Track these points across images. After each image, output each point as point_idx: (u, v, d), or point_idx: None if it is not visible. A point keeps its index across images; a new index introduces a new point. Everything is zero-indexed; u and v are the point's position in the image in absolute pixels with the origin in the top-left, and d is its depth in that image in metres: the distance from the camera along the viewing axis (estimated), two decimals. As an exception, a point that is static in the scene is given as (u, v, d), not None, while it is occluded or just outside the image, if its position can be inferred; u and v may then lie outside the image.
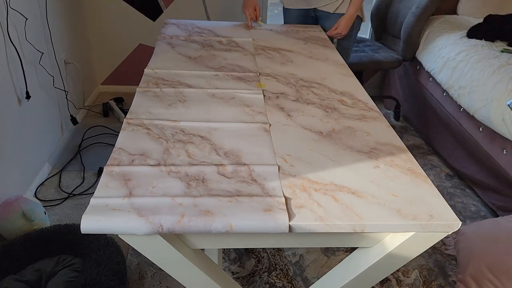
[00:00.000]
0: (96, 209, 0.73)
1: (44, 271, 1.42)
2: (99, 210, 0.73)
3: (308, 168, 0.89)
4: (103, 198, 0.76)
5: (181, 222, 0.72)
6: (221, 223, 0.72)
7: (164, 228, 0.72)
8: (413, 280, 1.65)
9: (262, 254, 1.72)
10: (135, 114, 1.05)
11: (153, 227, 0.72)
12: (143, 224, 0.71)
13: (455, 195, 2.17)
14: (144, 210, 0.74)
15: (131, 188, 0.79)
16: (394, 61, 2.54)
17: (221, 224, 0.72)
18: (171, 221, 0.72)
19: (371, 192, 0.82)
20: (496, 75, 1.94)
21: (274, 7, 4.71)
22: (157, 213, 0.73)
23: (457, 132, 2.23)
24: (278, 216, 0.74)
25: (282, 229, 0.73)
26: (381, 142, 1.00)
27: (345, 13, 1.89)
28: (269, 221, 0.73)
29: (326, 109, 1.15)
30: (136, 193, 0.78)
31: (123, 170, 0.84)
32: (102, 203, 0.75)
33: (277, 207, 0.76)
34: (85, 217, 0.71)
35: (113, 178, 0.81)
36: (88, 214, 0.72)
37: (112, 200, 0.76)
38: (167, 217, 0.72)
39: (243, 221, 0.73)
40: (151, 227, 0.71)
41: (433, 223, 0.76)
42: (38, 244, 1.52)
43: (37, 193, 2.00)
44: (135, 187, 0.79)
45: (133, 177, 0.82)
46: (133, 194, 0.77)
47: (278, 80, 1.32)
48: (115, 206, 0.74)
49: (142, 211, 0.73)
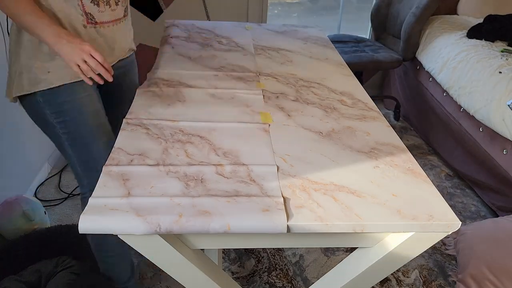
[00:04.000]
0: (94, 209, 0.73)
1: (44, 272, 1.42)
2: (97, 209, 0.73)
3: (308, 168, 0.89)
4: (101, 198, 0.76)
5: (179, 222, 0.72)
6: (219, 223, 0.72)
7: (162, 228, 0.72)
8: (413, 280, 1.65)
9: (262, 254, 1.72)
10: (135, 114, 1.05)
11: (151, 227, 0.71)
12: (141, 224, 0.71)
13: (455, 195, 2.17)
14: (142, 210, 0.73)
15: (129, 188, 0.79)
16: (394, 61, 2.54)
17: (219, 224, 0.72)
18: (169, 221, 0.72)
19: (371, 192, 0.82)
20: (496, 75, 1.94)
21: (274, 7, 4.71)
22: (155, 213, 0.73)
23: (457, 132, 2.23)
24: (276, 216, 0.74)
25: (280, 229, 0.73)
26: (381, 142, 1.00)
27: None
28: (267, 221, 0.73)
29: (326, 109, 1.15)
30: (134, 193, 0.78)
31: (122, 170, 0.84)
32: (100, 203, 0.75)
33: (275, 207, 0.76)
34: (83, 217, 0.71)
35: (112, 178, 0.81)
36: (86, 214, 0.72)
37: (111, 200, 0.76)
38: (165, 217, 0.72)
39: (241, 222, 0.73)
40: (149, 227, 0.71)
41: (433, 223, 0.76)
42: (39, 244, 1.53)
43: (37, 193, 2.00)
44: (134, 187, 0.79)
45: (131, 177, 0.82)
46: (132, 194, 0.77)
47: (277, 80, 1.32)
48: (113, 206, 0.74)
49: (140, 211, 0.73)
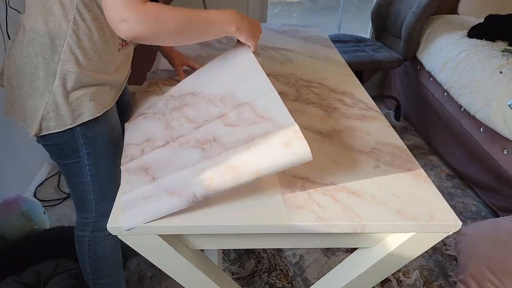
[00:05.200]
0: (129, 204, 0.73)
1: (43, 274, 1.42)
2: (131, 204, 0.73)
3: (308, 168, 0.88)
4: (130, 192, 0.76)
5: (211, 186, 0.70)
6: (247, 173, 0.70)
7: (198, 197, 0.70)
8: (413, 281, 1.64)
9: (262, 254, 1.72)
10: (135, 116, 1.05)
11: (188, 200, 0.70)
12: (177, 201, 0.71)
13: (455, 195, 2.17)
14: (173, 187, 0.72)
15: (152, 174, 0.78)
16: (395, 60, 2.53)
17: (248, 174, 0.70)
18: (202, 188, 0.70)
19: (371, 192, 0.82)
20: (497, 75, 1.94)
21: (274, 7, 4.70)
22: (186, 186, 0.71)
23: (457, 132, 2.22)
24: (299, 148, 0.71)
25: (306, 158, 0.71)
26: (381, 142, 1.00)
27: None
28: (292, 155, 0.70)
29: (326, 109, 1.15)
30: (159, 175, 0.77)
31: (138, 162, 0.83)
32: (131, 196, 0.74)
33: (294, 137, 0.72)
34: (122, 215, 0.71)
35: (133, 173, 0.81)
36: (125, 211, 0.71)
37: (140, 190, 0.75)
38: (197, 186, 0.71)
39: (268, 164, 0.71)
40: (186, 201, 0.70)
41: (434, 223, 0.75)
42: (40, 245, 1.52)
43: (36, 193, 2.00)
44: (156, 171, 0.78)
45: (150, 164, 0.81)
46: (156, 178, 0.77)
47: (278, 80, 1.31)
48: (145, 194, 0.74)
49: (172, 189, 0.72)
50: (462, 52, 2.23)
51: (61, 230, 1.60)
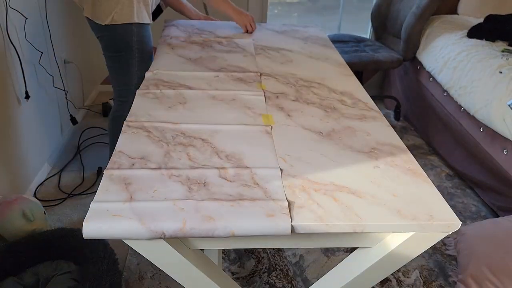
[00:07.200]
0: (97, 214, 0.73)
1: (42, 276, 1.42)
2: (100, 215, 0.72)
3: (308, 168, 0.88)
4: (103, 202, 0.75)
5: (183, 229, 0.71)
6: (223, 230, 0.72)
7: (166, 235, 0.71)
8: (413, 281, 1.64)
9: (262, 254, 1.72)
10: (135, 117, 1.05)
11: (155, 235, 0.71)
12: (145, 231, 0.71)
13: (455, 195, 2.17)
14: (146, 216, 0.73)
15: (131, 192, 0.78)
16: (395, 61, 2.54)
17: (223, 230, 0.72)
18: (173, 228, 0.71)
19: (371, 192, 0.82)
20: (497, 75, 1.94)
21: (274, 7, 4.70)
22: (159, 220, 0.72)
23: (457, 132, 2.22)
24: (281, 222, 0.73)
25: (284, 233, 0.73)
26: (381, 142, 1.00)
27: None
28: (271, 227, 0.72)
29: (326, 109, 1.15)
30: (137, 197, 0.77)
31: (124, 173, 0.83)
32: (103, 207, 0.74)
33: (280, 211, 0.75)
34: (86, 224, 0.71)
35: (114, 182, 0.81)
36: (89, 220, 0.71)
37: (113, 204, 0.75)
38: (169, 224, 0.72)
39: (246, 227, 0.72)
40: (153, 235, 0.71)
41: (433, 223, 0.75)
42: (41, 246, 1.52)
43: (37, 193, 2.00)
44: (136, 191, 0.79)
45: (133, 180, 0.82)
46: (134, 198, 0.77)
47: (277, 80, 1.32)
48: (116, 212, 0.73)
49: (144, 218, 0.72)
50: (462, 52, 2.23)
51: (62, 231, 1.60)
